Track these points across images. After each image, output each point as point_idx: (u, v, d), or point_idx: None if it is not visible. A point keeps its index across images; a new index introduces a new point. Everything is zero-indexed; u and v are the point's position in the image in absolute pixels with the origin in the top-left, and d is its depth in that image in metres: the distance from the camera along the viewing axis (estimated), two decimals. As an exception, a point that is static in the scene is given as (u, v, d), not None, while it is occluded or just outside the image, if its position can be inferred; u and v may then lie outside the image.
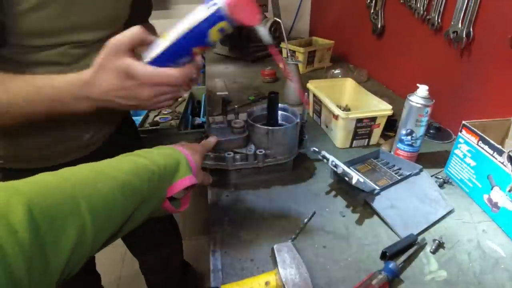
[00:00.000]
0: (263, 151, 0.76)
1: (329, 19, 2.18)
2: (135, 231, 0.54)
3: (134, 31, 0.55)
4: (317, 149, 0.76)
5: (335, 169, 0.71)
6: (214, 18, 0.50)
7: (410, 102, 0.85)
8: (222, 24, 0.51)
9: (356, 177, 0.68)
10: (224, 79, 1.57)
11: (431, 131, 1.09)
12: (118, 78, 0.56)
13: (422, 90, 0.85)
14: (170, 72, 0.56)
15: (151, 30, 1.01)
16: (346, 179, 0.69)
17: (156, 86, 0.57)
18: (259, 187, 0.81)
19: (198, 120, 1.94)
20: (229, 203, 0.77)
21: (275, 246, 0.58)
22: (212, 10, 0.49)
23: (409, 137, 0.88)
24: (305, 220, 0.70)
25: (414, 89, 0.87)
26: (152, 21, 1.05)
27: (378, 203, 0.74)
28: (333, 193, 0.81)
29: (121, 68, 0.55)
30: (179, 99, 2.00)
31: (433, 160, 0.95)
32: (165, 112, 1.81)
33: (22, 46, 0.66)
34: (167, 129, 1.61)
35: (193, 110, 2.07)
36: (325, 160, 0.75)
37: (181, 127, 1.63)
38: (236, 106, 0.79)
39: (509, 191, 0.68)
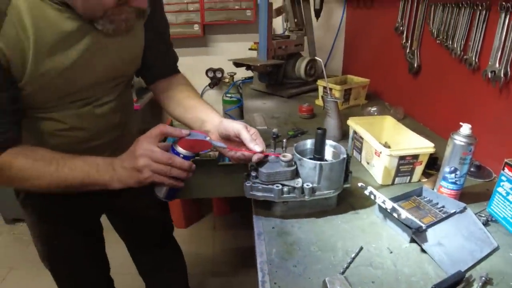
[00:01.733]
0: (310, 185, 0.79)
1: (363, 58, 2.24)
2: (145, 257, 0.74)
3: (157, 131, 0.78)
4: (364, 185, 0.78)
5: (383, 205, 0.73)
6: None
7: (454, 140, 0.86)
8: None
9: (405, 213, 0.69)
10: (263, 114, 1.63)
11: (472, 169, 1.08)
12: (135, 147, 0.78)
13: (466, 128, 0.86)
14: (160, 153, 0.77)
15: (181, 80, 1.09)
16: (395, 215, 0.70)
17: (151, 159, 0.76)
18: (304, 220, 0.84)
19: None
20: (276, 235, 0.79)
21: (327, 279, 0.59)
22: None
23: (453, 175, 0.89)
24: (353, 255, 0.71)
25: (452, 127, 0.88)
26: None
27: (425, 240, 0.74)
28: (379, 229, 0.81)
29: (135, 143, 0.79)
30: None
31: (475, 198, 0.95)
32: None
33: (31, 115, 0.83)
34: (207, 159, 1.67)
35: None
36: (372, 196, 0.77)
37: (220, 159, 1.69)
38: (284, 140, 0.82)
39: None
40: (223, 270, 2.11)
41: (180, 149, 0.79)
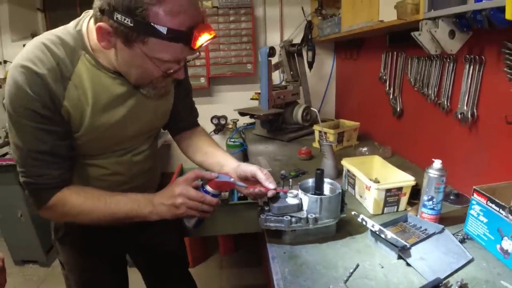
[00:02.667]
0: (313, 215, 0.97)
1: (353, 103, 2.48)
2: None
3: (193, 175, 0.96)
4: (356, 213, 0.97)
5: (372, 228, 0.91)
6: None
7: (429, 174, 1.06)
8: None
9: (390, 233, 0.87)
10: (266, 157, 1.83)
11: (451, 197, 1.27)
12: (170, 186, 0.97)
13: (437, 163, 1.06)
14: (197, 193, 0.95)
15: (202, 132, 1.31)
16: (383, 236, 0.88)
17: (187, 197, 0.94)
18: (310, 246, 1.01)
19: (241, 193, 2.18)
20: (287, 258, 0.96)
21: (331, 286, 0.76)
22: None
23: (430, 202, 1.07)
24: (351, 270, 0.88)
25: (432, 162, 1.07)
26: (199, 106, 1.34)
27: (410, 256, 0.92)
28: (372, 249, 0.99)
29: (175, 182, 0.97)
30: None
31: (454, 221, 1.12)
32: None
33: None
34: (220, 199, 1.85)
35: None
36: (363, 222, 0.95)
37: (231, 199, 1.87)
38: (290, 179, 1.01)
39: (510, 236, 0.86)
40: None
41: (209, 189, 0.96)
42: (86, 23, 0.90)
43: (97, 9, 0.80)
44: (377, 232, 0.90)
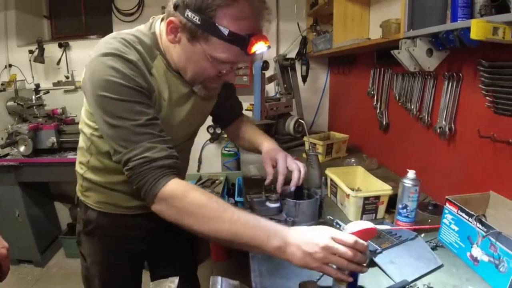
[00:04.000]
0: (292, 219, 1.03)
1: (344, 115, 2.55)
2: None
3: (350, 238, 0.77)
4: (332, 218, 1.03)
5: (342, 230, 0.97)
6: None
7: (403, 183, 1.12)
8: None
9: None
10: (257, 166, 1.89)
11: (430, 207, 1.32)
12: (319, 235, 0.77)
13: (411, 173, 1.12)
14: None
15: (246, 121, 1.46)
16: (353, 238, 0.94)
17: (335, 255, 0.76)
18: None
19: (232, 200, 2.23)
20: (266, 258, 1.01)
21: (300, 283, 0.82)
22: None
23: (404, 210, 1.13)
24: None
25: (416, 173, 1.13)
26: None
27: (380, 260, 0.97)
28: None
29: (325, 233, 0.78)
30: (217, 181, 2.33)
31: (431, 230, 1.17)
32: (206, 193, 2.14)
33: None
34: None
35: (228, 191, 2.39)
36: (337, 225, 1.01)
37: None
38: (272, 186, 1.08)
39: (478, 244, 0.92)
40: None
41: None
42: (159, 25, 0.98)
43: (171, 6, 0.88)
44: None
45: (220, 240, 0.82)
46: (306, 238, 0.77)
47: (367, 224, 0.80)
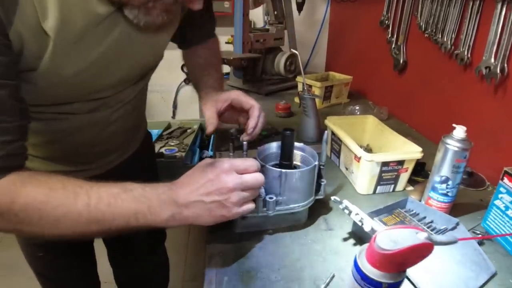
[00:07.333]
0: (274, 197, 0.64)
1: (347, 54, 2.12)
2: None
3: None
4: (338, 199, 0.65)
5: (360, 224, 0.59)
6: None
7: (447, 145, 0.73)
8: None
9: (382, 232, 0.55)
10: (235, 112, 1.48)
11: (463, 176, 0.96)
12: (202, 171, 0.57)
13: (460, 131, 0.73)
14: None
15: (213, 47, 1.04)
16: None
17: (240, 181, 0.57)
18: (267, 240, 0.69)
19: (207, 153, 1.85)
20: (230, 258, 0.64)
21: None
22: None
23: (444, 185, 0.76)
24: (322, 286, 0.57)
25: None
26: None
27: (411, 267, 0.61)
28: (356, 249, 0.68)
29: (204, 163, 0.59)
30: (188, 131, 1.92)
31: (466, 210, 0.83)
32: (172, 144, 1.72)
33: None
34: (171, 161, 1.51)
35: (202, 142, 1.98)
36: (346, 211, 0.63)
37: (188, 160, 1.53)
38: (244, 142, 0.68)
39: None
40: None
41: (374, 271, 0.44)
42: None
43: None
44: (369, 233, 0.58)
45: (88, 236, 0.54)
46: (203, 187, 0.56)
47: (414, 236, 0.42)
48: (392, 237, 0.41)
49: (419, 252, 0.42)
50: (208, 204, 0.56)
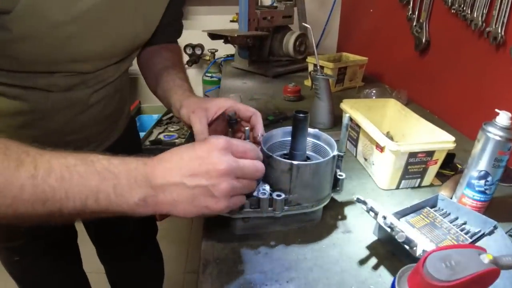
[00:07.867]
0: (283, 195, 0.53)
1: (361, 34, 1.98)
2: None
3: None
4: (361, 198, 0.53)
5: (389, 230, 0.48)
6: None
7: (488, 134, 0.61)
8: None
9: (422, 246, 0.44)
10: (241, 95, 1.36)
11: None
12: (191, 146, 0.47)
13: (504, 118, 0.61)
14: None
15: (177, 51, 0.89)
16: (407, 247, 0.46)
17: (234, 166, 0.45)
18: (273, 245, 0.58)
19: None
20: (229, 266, 0.54)
21: None
22: None
23: (482, 182, 0.64)
24: (341, 305, 0.47)
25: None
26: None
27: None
28: (381, 258, 0.57)
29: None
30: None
31: (502, 210, 0.71)
32: (172, 129, 1.62)
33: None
34: (170, 148, 1.41)
35: (205, 128, 1.88)
36: (371, 213, 0.52)
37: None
38: (247, 128, 0.57)
39: None
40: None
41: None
42: None
43: None
44: (403, 243, 0.47)
45: (32, 220, 0.40)
46: (187, 165, 0.44)
47: (477, 260, 0.31)
48: (447, 261, 0.30)
49: (482, 281, 0.31)
50: (190, 189, 0.43)
